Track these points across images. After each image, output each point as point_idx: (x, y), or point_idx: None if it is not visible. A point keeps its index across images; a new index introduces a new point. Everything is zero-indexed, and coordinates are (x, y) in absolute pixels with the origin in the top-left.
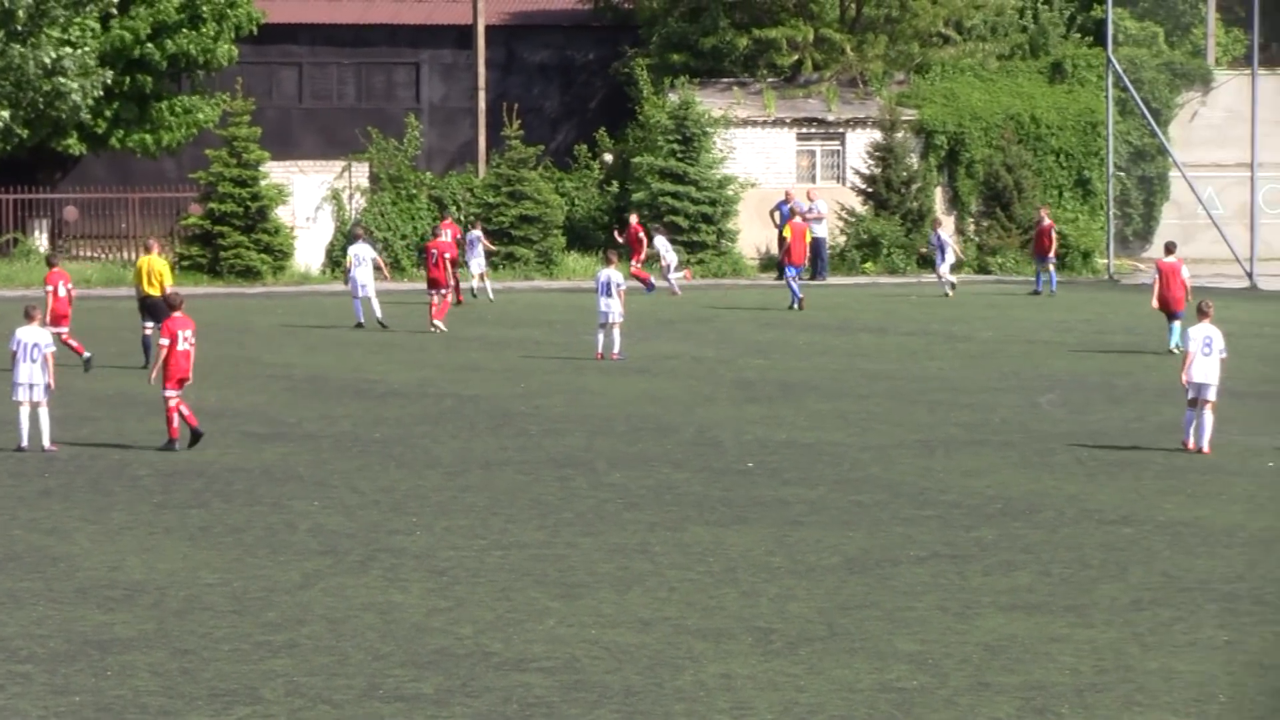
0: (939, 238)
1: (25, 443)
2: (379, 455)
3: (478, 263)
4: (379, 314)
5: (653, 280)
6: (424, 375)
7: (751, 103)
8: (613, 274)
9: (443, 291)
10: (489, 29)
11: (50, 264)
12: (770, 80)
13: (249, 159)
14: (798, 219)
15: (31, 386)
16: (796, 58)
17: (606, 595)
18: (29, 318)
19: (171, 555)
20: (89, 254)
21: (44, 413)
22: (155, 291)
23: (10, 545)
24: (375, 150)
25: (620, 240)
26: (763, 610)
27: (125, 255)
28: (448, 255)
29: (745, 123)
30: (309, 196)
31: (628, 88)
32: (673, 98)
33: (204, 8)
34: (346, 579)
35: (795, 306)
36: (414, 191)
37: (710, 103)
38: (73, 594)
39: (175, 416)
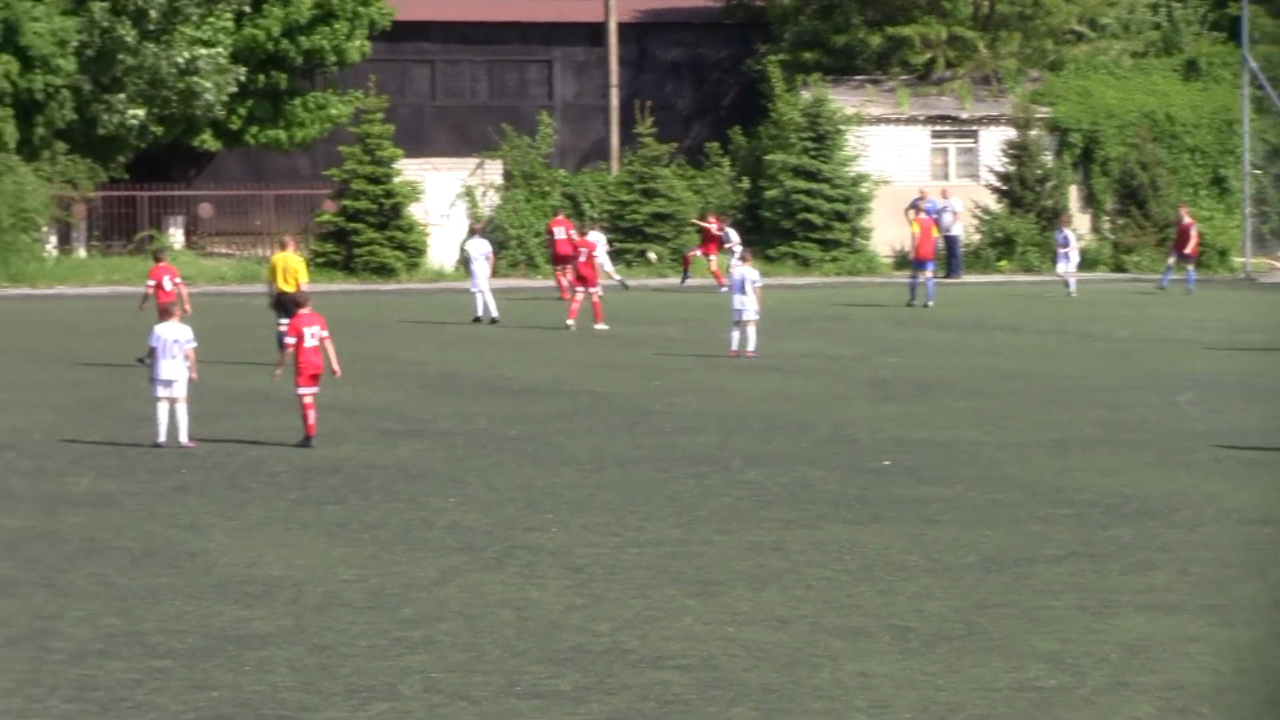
0: (1065, 236)
1: (163, 438)
2: (514, 452)
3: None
4: (494, 311)
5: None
6: (558, 372)
7: (884, 100)
8: (748, 271)
9: (592, 291)
10: (621, 26)
11: (156, 258)
12: (903, 78)
13: (382, 156)
14: (923, 214)
15: (172, 383)
16: (930, 55)
17: (743, 593)
18: (168, 314)
19: (309, 551)
20: (223, 250)
21: (182, 409)
22: (290, 288)
23: (148, 541)
24: (508, 147)
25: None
26: (900, 608)
27: (259, 252)
28: (587, 251)
29: (878, 120)
30: (442, 193)
31: (760, 85)
32: (805, 95)
33: (337, 6)
34: (483, 575)
35: (919, 303)
36: (547, 189)
37: (843, 100)
38: (210, 590)
39: (310, 413)
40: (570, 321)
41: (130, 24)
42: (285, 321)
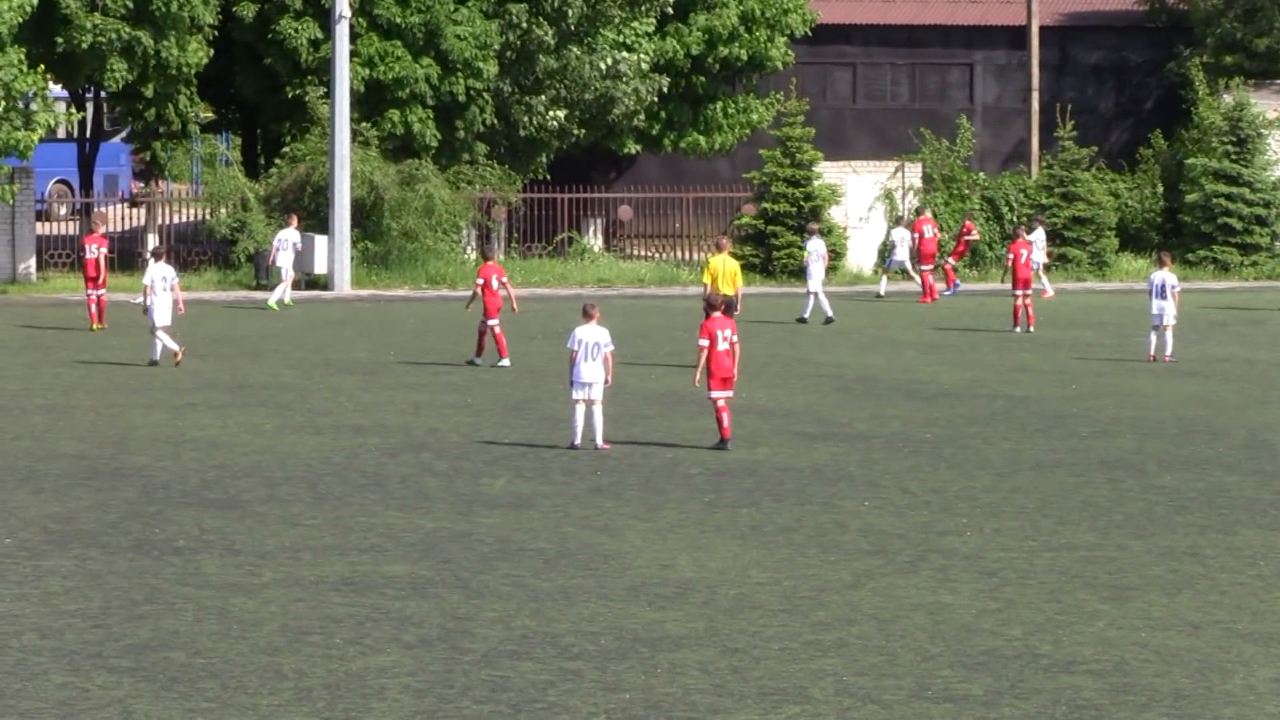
0: None
1: (578, 440)
2: (929, 456)
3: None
4: (827, 311)
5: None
6: (974, 376)
7: None
8: (1167, 276)
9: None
10: (1042, 30)
11: (485, 257)
12: None
13: (802, 159)
14: None
15: (590, 385)
16: None
17: (1156, 598)
18: (587, 316)
19: (722, 554)
20: (643, 253)
21: (598, 411)
22: (729, 290)
23: (562, 542)
24: (928, 150)
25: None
26: None
27: (679, 255)
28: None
29: None
30: (861, 196)
31: (1181, 89)
32: (1227, 99)
33: (760, 14)
34: (896, 579)
35: None
36: (966, 192)
37: (1264, 104)
38: (623, 591)
39: (724, 416)
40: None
41: (549, 25)
42: None
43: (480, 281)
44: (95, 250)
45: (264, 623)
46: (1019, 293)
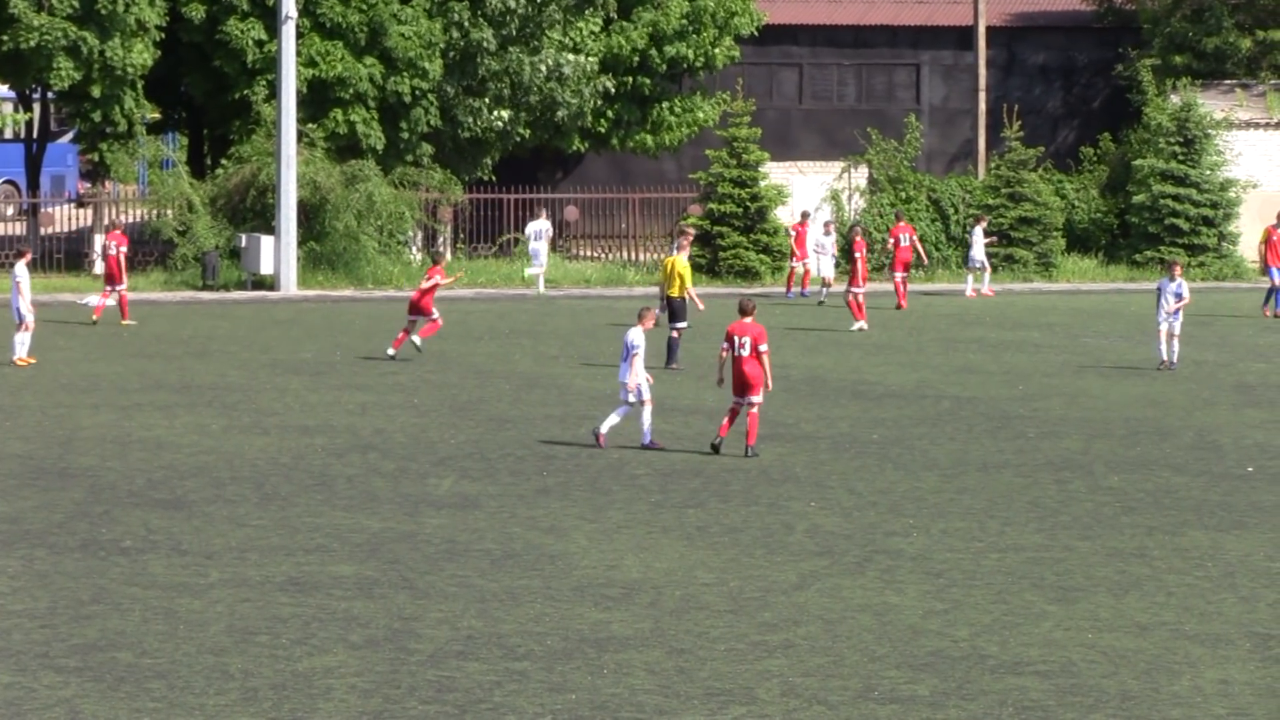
0: None
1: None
2: (876, 456)
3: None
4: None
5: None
6: (921, 377)
7: (1254, 105)
8: (1180, 286)
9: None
10: (989, 30)
11: (435, 260)
12: (1273, 82)
13: (749, 159)
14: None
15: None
16: None
17: (1103, 599)
18: (641, 319)
19: (668, 554)
20: (589, 254)
21: (647, 411)
22: (675, 292)
23: (509, 543)
24: (875, 151)
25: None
26: (1261, 615)
27: (625, 255)
28: None
29: (1247, 125)
30: (808, 197)
31: (1129, 92)
32: (1174, 99)
33: (705, 14)
34: (843, 580)
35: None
36: (913, 193)
37: (1212, 105)
38: (570, 592)
39: (736, 420)
40: None
41: (488, 27)
42: (681, 326)
43: (435, 281)
44: (115, 249)
45: (211, 623)
46: (898, 275)
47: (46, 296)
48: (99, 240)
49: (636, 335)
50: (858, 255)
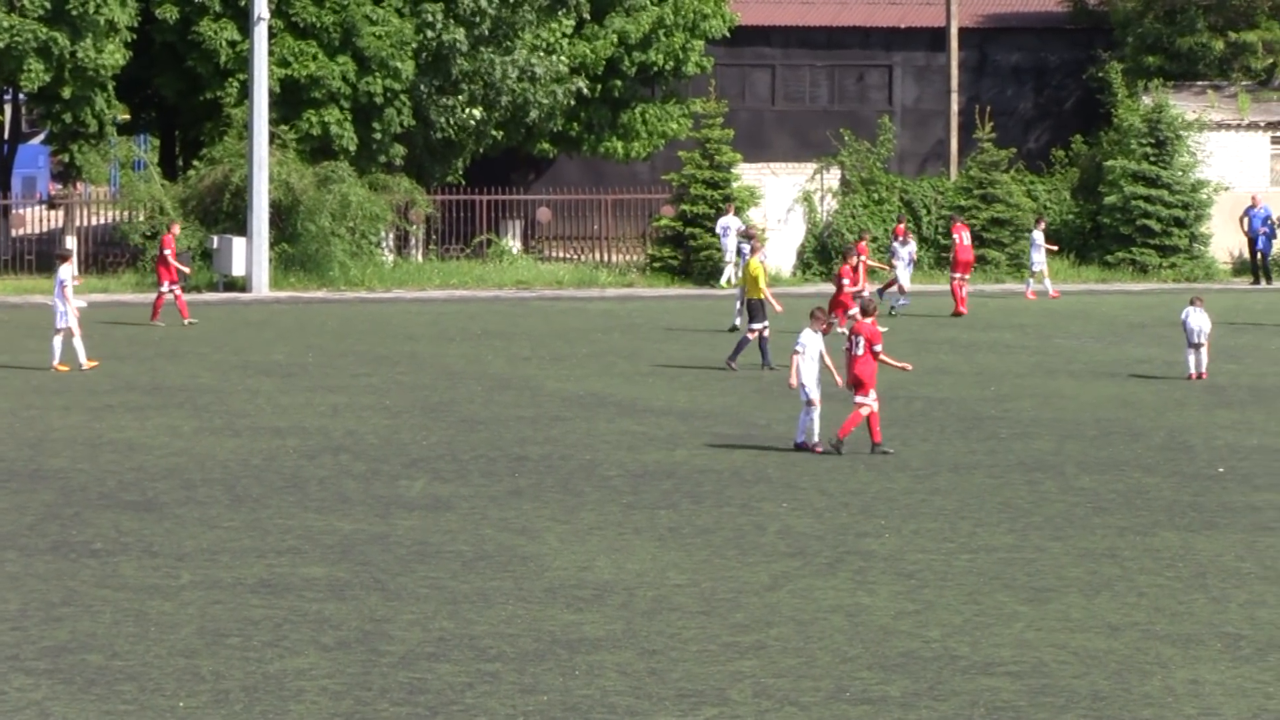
0: None
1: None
2: (848, 457)
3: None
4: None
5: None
6: (893, 377)
7: (1226, 106)
8: (1203, 321)
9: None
10: (962, 31)
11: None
12: (1244, 84)
13: (721, 161)
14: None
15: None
16: (1271, 61)
17: (1075, 600)
18: (813, 320)
19: (640, 555)
20: (562, 255)
21: (808, 413)
22: (754, 294)
23: (480, 544)
24: (847, 153)
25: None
26: (1232, 616)
27: (597, 256)
28: None
29: (1219, 126)
30: (780, 198)
31: (1101, 93)
32: (1146, 100)
33: (676, 19)
34: (814, 581)
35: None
36: (885, 194)
37: (1184, 105)
38: (542, 593)
39: (860, 420)
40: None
41: (460, 28)
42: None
43: None
44: (160, 250)
45: (182, 625)
46: (957, 276)
47: (17, 298)
48: (70, 241)
49: (805, 336)
50: (861, 260)
